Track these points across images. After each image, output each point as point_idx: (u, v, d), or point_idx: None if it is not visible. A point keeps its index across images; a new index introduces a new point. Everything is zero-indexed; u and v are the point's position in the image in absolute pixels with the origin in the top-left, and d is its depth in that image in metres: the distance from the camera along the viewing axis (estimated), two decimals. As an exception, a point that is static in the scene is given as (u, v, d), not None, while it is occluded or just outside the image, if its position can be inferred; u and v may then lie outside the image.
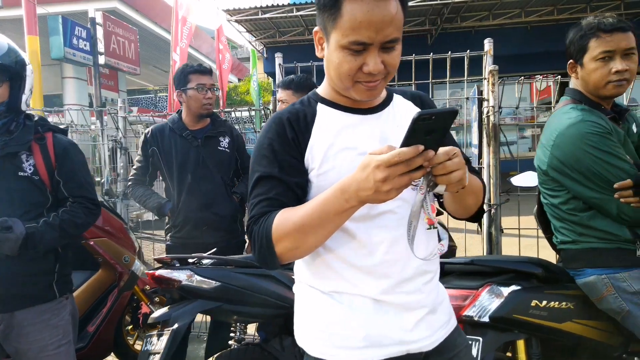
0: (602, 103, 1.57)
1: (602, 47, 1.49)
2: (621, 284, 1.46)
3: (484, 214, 1.13)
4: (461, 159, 0.84)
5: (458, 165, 0.83)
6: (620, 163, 1.41)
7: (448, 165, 0.82)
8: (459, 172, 0.83)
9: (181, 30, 9.26)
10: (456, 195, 0.98)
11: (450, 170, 0.82)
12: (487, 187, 2.81)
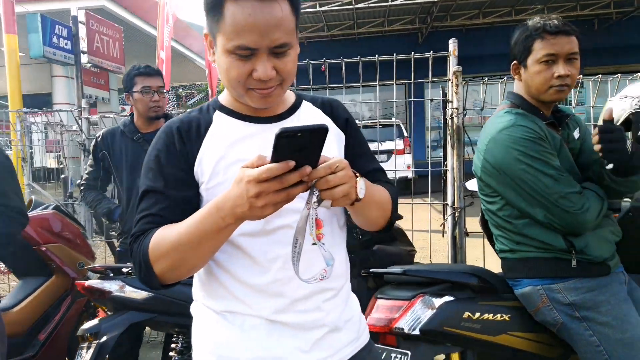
0: (542, 108, 1.52)
1: (546, 50, 1.44)
2: (556, 295, 1.41)
3: (393, 225, 1.08)
4: (347, 173, 0.80)
5: (342, 179, 0.79)
6: (547, 169, 1.36)
7: (330, 180, 0.78)
8: (343, 186, 0.79)
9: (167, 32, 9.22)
10: (355, 208, 0.93)
11: (334, 184, 0.78)
12: (452, 190, 2.76)
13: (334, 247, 1.01)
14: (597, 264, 1.41)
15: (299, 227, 0.82)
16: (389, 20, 11.55)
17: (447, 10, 10.89)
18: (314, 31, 11.98)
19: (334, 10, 10.14)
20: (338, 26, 11.76)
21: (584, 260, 1.40)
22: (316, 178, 0.77)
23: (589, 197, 1.40)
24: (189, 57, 16.50)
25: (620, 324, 1.36)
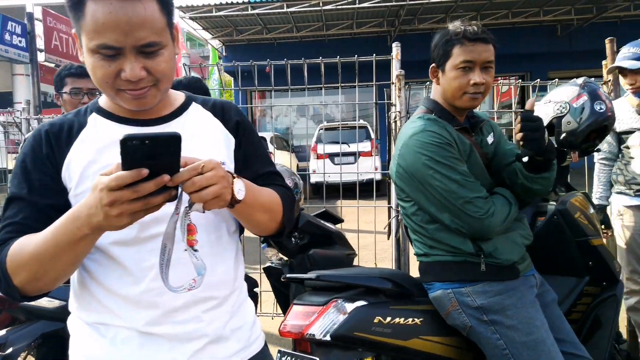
0: (456, 113, 1.53)
1: (464, 56, 1.44)
2: (465, 299, 1.42)
3: (286, 230, 1.06)
4: (217, 173, 0.77)
5: (210, 180, 0.76)
6: (453, 174, 1.37)
7: (197, 181, 0.75)
8: (213, 187, 0.77)
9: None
10: (237, 211, 0.91)
11: (200, 186, 0.76)
12: (393, 193, 2.77)
13: (219, 254, 0.98)
14: (506, 268, 1.43)
15: (167, 233, 0.80)
16: (357, 22, 11.61)
17: (414, 13, 11.02)
18: (283, 32, 11.95)
19: (302, 11, 10.14)
20: (307, 27, 11.75)
21: (492, 264, 1.42)
22: (180, 181, 0.75)
23: (495, 201, 1.42)
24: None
25: (526, 327, 1.38)
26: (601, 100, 1.83)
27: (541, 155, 1.36)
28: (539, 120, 1.32)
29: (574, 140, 1.85)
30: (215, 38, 12.45)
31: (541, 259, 2.12)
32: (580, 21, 11.82)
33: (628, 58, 2.26)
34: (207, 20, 10.93)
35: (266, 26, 11.59)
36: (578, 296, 2.01)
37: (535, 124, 1.31)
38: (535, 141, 1.32)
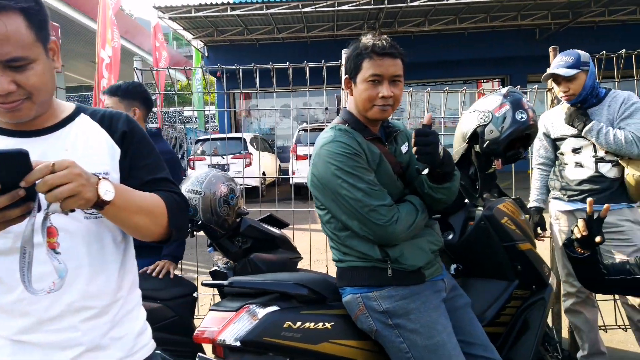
0: (369, 124, 1.56)
1: (372, 70, 1.47)
2: (372, 303, 1.46)
3: (175, 236, 1.08)
4: (72, 172, 0.79)
5: (63, 178, 0.78)
6: (359, 183, 1.41)
7: (49, 180, 0.77)
8: (68, 185, 0.78)
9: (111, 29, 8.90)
10: (109, 213, 0.92)
11: (53, 184, 0.77)
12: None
13: (100, 265, 0.99)
14: (412, 273, 1.47)
15: (24, 236, 0.80)
16: (338, 25, 11.66)
17: (394, 17, 11.10)
18: (264, 33, 11.96)
19: (282, 13, 10.17)
20: (288, 29, 11.78)
21: (398, 269, 1.46)
22: (32, 181, 0.76)
23: (401, 209, 1.45)
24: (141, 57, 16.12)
25: (428, 331, 1.42)
26: (523, 109, 1.88)
27: (438, 168, 1.41)
28: (432, 135, 1.36)
29: (496, 148, 1.90)
30: (197, 38, 12.42)
31: (472, 263, 2.17)
32: (557, 25, 12.01)
33: (562, 66, 2.32)
34: (187, 21, 10.91)
35: (247, 27, 11.60)
36: (507, 299, 2.07)
37: (427, 138, 1.35)
38: (429, 155, 1.36)
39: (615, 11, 11.18)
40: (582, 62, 2.31)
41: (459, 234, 2.12)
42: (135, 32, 15.50)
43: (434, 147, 1.35)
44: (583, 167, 2.35)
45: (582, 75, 2.30)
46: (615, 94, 2.33)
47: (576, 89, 2.31)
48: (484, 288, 2.14)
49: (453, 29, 12.23)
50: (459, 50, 12.86)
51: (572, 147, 2.40)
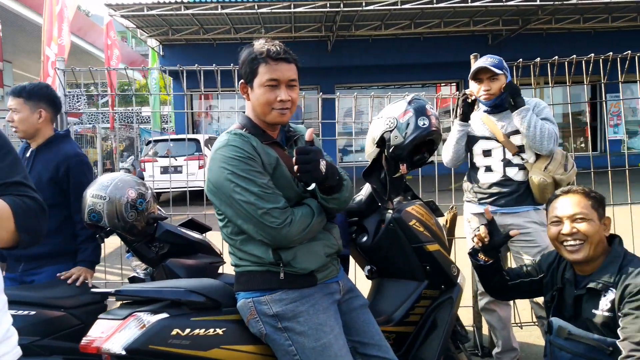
0: (267, 128, 1.58)
1: (269, 75, 1.49)
2: (263, 307, 1.47)
3: (26, 241, 1.04)
4: None
5: None
6: (253, 187, 1.41)
7: None
8: None
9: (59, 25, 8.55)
10: None
11: None
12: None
13: None
14: (304, 276, 1.48)
15: None
16: (296, 26, 11.67)
17: (351, 20, 11.21)
18: (221, 33, 11.84)
19: (237, 13, 10.09)
20: (245, 29, 11.70)
21: (291, 273, 1.47)
22: None
23: (296, 212, 1.47)
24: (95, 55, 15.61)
25: (315, 333, 1.44)
26: (426, 116, 1.94)
27: (321, 184, 1.44)
28: (313, 153, 1.38)
29: (401, 153, 1.95)
30: (151, 37, 12.16)
31: (384, 264, 2.23)
32: (508, 32, 12.44)
33: (489, 64, 2.41)
34: (141, 19, 10.66)
35: (203, 27, 11.44)
36: (417, 299, 2.13)
37: (307, 156, 1.37)
38: (309, 173, 1.38)
39: (561, 19, 11.69)
40: (505, 67, 2.44)
41: (372, 236, 2.16)
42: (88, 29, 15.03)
43: (315, 165, 1.38)
44: (492, 171, 2.45)
45: (502, 78, 2.41)
46: (527, 100, 2.45)
47: (496, 89, 2.41)
48: (395, 288, 2.19)
49: (409, 34, 12.46)
50: (416, 54, 13.12)
51: (483, 149, 2.50)
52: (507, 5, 10.02)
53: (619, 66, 2.95)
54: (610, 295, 1.59)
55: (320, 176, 1.41)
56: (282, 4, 9.58)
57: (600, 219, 1.69)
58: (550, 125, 2.34)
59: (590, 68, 3.00)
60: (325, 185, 1.45)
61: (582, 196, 1.70)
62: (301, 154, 1.39)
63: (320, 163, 1.40)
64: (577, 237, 1.66)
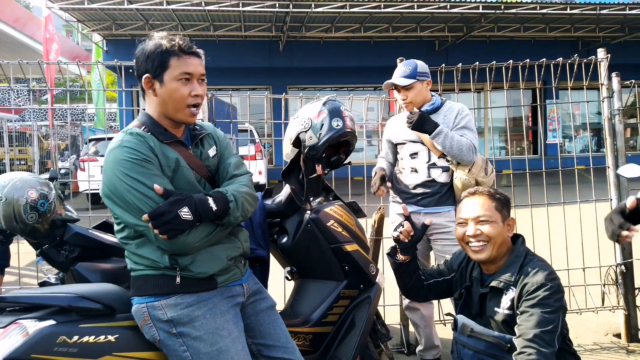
0: (171, 126, 1.51)
1: (184, 68, 1.43)
2: (157, 313, 1.42)
3: None
4: None
5: None
6: (146, 190, 1.36)
7: None
8: None
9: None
10: None
11: None
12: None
13: None
14: (202, 280, 1.44)
15: None
16: (245, 25, 11.54)
17: (301, 21, 11.21)
18: (168, 29, 11.51)
19: (184, 9, 9.86)
20: (193, 26, 11.45)
21: (188, 277, 1.42)
22: None
23: None
24: (34, 48, 14.80)
25: (211, 337, 1.40)
26: (339, 117, 1.95)
27: (200, 221, 1.39)
28: (167, 213, 1.32)
29: (315, 154, 1.95)
30: (94, 31, 11.67)
31: (304, 265, 2.22)
32: (454, 38, 12.85)
33: (400, 75, 2.46)
34: (82, 13, 10.20)
35: (148, 22, 11.09)
36: (335, 299, 2.13)
37: (161, 219, 1.31)
38: (172, 231, 1.33)
39: (503, 27, 12.21)
40: (419, 72, 2.47)
41: (292, 237, 2.15)
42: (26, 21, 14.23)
43: (175, 222, 1.32)
44: (418, 172, 2.51)
45: (418, 85, 2.45)
46: (451, 105, 2.51)
47: (413, 97, 2.46)
48: (314, 289, 2.19)
49: (360, 37, 12.62)
50: (368, 58, 13.30)
51: (410, 152, 2.55)
52: (451, 13, 10.35)
53: (553, 73, 3.09)
54: (511, 294, 1.64)
55: (187, 228, 1.35)
56: (230, 2, 9.44)
57: (504, 220, 1.74)
58: (468, 136, 2.39)
59: (526, 74, 3.12)
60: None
61: (487, 198, 1.75)
62: (154, 219, 1.32)
63: (181, 213, 1.33)
64: (480, 238, 1.71)
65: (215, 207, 1.38)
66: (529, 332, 1.51)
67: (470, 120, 2.47)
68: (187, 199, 1.36)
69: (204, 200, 1.38)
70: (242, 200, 1.47)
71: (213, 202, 1.39)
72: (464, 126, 2.41)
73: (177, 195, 1.36)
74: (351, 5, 9.80)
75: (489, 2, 10.16)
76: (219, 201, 1.41)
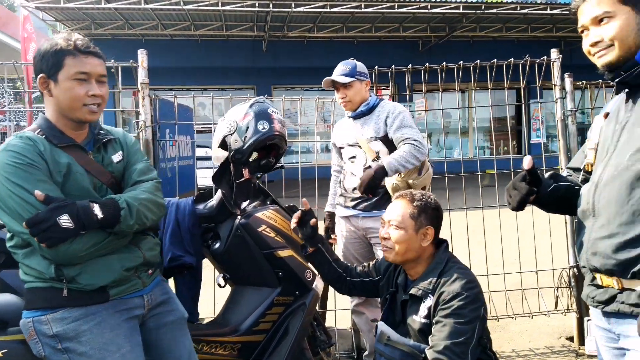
0: (71, 130, 1.45)
1: (79, 67, 1.39)
2: (42, 327, 1.35)
3: None
4: None
5: None
6: (30, 197, 1.30)
7: None
8: None
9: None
10: None
11: None
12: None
13: None
14: (91, 292, 1.38)
15: None
16: (226, 25, 11.46)
17: (283, 21, 11.16)
18: (148, 29, 11.42)
19: (163, 9, 9.76)
20: (173, 26, 11.36)
21: (75, 289, 1.36)
22: None
23: None
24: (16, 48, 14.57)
25: (98, 352, 1.35)
26: (266, 120, 1.90)
27: (84, 229, 1.33)
28: (42, 221, 1.27)
29: (240, 157, 1.90)
30: (74, 31, 11.51)
31: (236, 271, 2.17)
32: (437, 38, 12.86)
33: (339, 74, 2.43)
34: (59, 12, 10.06)
35: (128, 21, 10.98)
36: (268, 306, 2.08)
37: (38, 227, 1.26)
38: (51, 239, 1.27)
39: (485, 27, 12.23)
40: (359, 72, 2.44)
41: (225, 243, 2.10)
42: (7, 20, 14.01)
43: (52, 230, 1.26)
44: (356, 176, 2.47)
45: (356, 84, 2.42)
46: (384, 105, 2.47)
47: (352, 96, 2.43)
48: (247, 296, 2.14)
49: (343, 37, 12.59)
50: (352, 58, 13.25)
51: (349, 156, 2.51)
52: (432, 12, 10.34)
53: (537, 72, 3.05)
54: (428, 302, 1.60)
55: (68, 234, 1.29)
56: (209, 1, 9.36)
57: (418, 228, 1.66)
58: (407, 133, 2.32)
59: (510, 73, 3.07)
60: None
61: (406, 203, 1.71)
62: (32, 227, 1.27)
63: (61, 220, 1.27)
64: (385, 243, 1.69)
65: (101, 215, 1.32)
66: (440, 343, 1.47)
67: (404, 116, 2.40)
68: (68, 205, 1.29)
69: (88, 207, 1.32)
70: (138, 208, 1.41)
71: (100, 209, 1.33)
72: (400, 125, 2.36)
73: (58, 202, 1.29)
74: (332, 5, 9.76)
75: (470, 2, 10.15)
76: (107, 208, 1.35)
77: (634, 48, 1.18)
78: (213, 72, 12.84)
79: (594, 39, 1.22)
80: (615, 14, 1.18)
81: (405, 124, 2.36)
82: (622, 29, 1.17)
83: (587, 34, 1.24)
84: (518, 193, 1.33)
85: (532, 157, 1.27)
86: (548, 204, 1.40)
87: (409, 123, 2.38)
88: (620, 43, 1.18)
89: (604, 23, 1.20)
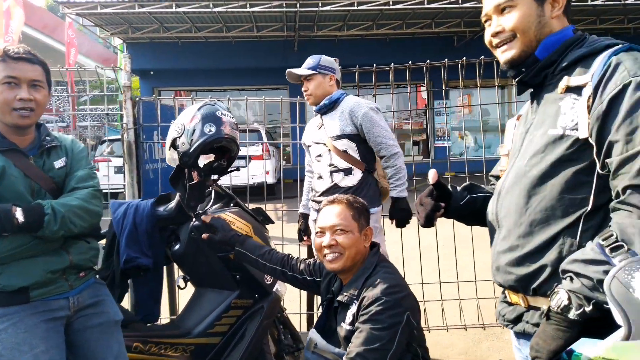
0: (10, 134, 1.51)
1: (8, 72, 1.46)
2: None
3: None
4: None
5: None
6: None
7: None
8: None
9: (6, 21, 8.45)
10: None
11: None
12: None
13: None
14: (10, 293, 1.42)
15: None
16: (257, 26, 11.59)
17: (312, 20, 11.15)
18: (183, 31, 11.74)
19: (195, 12, 10.00)
20: (206, 28, 11.62)
21: None
22: None
23: None
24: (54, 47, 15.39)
25: (9, 353, 1.38)
26: (213, 122, 1.89)
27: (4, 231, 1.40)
28: None
29: (187, 160, 1.90)
30: (113, 35, 12.06)
31: (193, 273, 2.18)
32: (472, 33, 12.42)
33: (304, 67, 2.45)
34: (98, 17, 10.54)
35: (163, 25, 11.33)
36: (225, 309, 2.08)
37: None
38: None
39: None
40: (322, 65, 2.43)
41: (183, 245, 2.12)
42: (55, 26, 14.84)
43: None
44: (322, 179, 2.42)
45: (319, 77, 2.42)
46: (347, 99, 2.43)
47: (313, 89, 2.44)
48: (205, 298, 2.15)
49: (374, 34, 12.42)
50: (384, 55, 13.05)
51: (315, 155, 2.47)
52: (464, 7, 9.99)
53: None
54: (353, 309, 1.55)
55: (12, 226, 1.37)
56: (237, 3, 9.50)
57: (361, 229, 1.65)
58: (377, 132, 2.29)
59: None
60: None
61: (345, 206, 1.66)
62: None
63: None
64: (335, 249, 1.63)
65: (22, 219, 1.36)
66: (354, 350, 1.42)
67: (371, 116, 2.35)
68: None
69: (8, 210, 1.37)
70: (64, 214, 1.45)
71: (22, 213, 1.37)
72: (370, 126, 2.31)
73: None
74: (359, 3, 9.64)
75: (504, -5, 9.72)
76: (30, 213, 1.39)
77: (534, 42, 1.09)
78: (248, 73, 13.02)
79: (495, 28, 1.15)
80: (517, 4, 1.10)
81: (375, 123, 2.34)
82: (522, 19, 1.10)
83: (490, 24, 1.16)
84: (424, 209, 1.26)
85: (436, 172, 1.20)
86: (465, 216, 1.32)
87: (377, 121, 2.34)
88: (522, 35, 1.10)
89: (506, 12, 1.12)
